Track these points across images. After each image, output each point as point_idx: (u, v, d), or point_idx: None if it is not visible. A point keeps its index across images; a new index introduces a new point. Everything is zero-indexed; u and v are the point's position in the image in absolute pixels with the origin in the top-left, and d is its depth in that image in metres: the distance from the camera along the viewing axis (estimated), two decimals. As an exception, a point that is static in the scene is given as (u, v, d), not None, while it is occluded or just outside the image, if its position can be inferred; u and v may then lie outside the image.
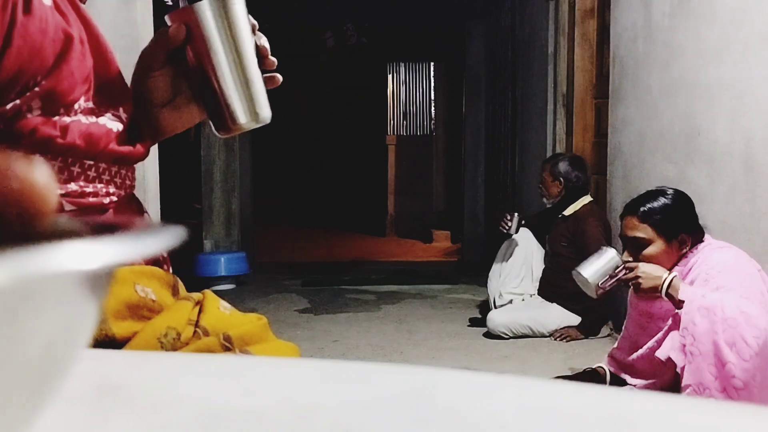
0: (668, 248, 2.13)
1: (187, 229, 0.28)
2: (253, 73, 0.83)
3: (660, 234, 2.13)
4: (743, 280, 1.96)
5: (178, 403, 0.39)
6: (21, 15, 0.72)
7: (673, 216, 2.15)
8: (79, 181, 0.78)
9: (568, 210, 3.97)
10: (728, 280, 1.97)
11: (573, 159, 4.13)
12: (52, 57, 0.75)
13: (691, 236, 2.15)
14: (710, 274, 2.02)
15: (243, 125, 0.83)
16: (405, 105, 10.39)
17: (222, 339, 0.78)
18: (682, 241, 2.13)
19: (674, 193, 2.21)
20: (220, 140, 6.08)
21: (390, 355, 3.59)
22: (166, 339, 0.75)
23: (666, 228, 2.13)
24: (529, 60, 5.55)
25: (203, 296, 0.83)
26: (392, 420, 0.36)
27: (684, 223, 2.15)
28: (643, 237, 2.14)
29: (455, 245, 8.15)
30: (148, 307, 0.77)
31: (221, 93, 0.82)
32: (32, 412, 0.27)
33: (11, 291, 0.23)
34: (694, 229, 2.17)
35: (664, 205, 2.16)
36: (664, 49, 3.32)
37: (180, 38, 0.80)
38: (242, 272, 5.68)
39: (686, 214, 2.17)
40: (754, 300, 1.92)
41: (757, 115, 2.59)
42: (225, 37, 0.80)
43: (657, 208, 2.15)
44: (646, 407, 0.39)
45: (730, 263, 2.01)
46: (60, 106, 0.76)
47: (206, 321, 0.79)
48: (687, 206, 2.20)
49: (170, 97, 0.85)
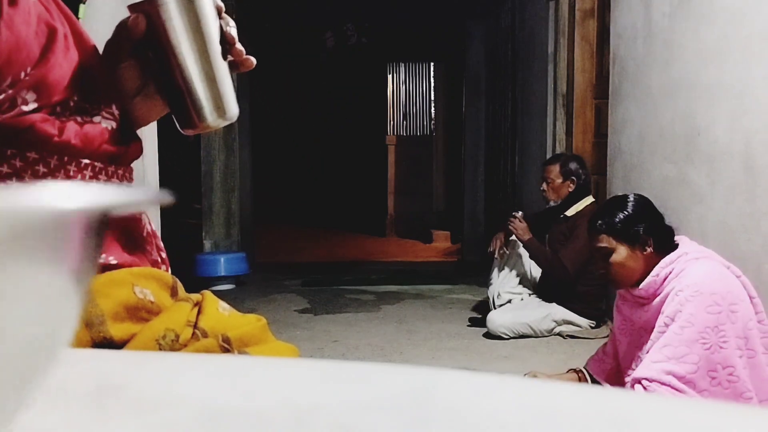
0: (632, 253, 2.17)
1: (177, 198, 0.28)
2: (220, 68, 0.77)
3: (620, 240, 2.18)
4: (704, 320, 1.98)
5: (178, 403, 0.39)
6: (7, 6, 0.72)
7: (628, 221, 2.18)
8: (76, 180, 0.78)
9: (570, 210, 3.96)
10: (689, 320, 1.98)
11: (578, 158, 4.14)
12: (38, 49, 0.74)
13: (652, 237, 2.16)
14: (676, 300, 2.03)
15: (209, 124, 0.79)
16: (405, 105, 10.40)
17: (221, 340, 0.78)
18: (644, 243, 2.15)
19: (631, 199, 2.26)
20: (220, 140, 6.08)
21: (390, 355, 3.59)
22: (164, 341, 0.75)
23: (623, 233, 2.17)
24: (529, 60, 5.55)
25: (202, 297, 0.83)
26: (392, 420, 0.36)
27: (640, 224, 2.17)
28: (605, 246, 2.20)
29: (455, 245, 8.16)
30: (146, 308, 0.76)
31: (186, 90, 0.77)
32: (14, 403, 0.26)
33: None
34: (657, 229, 2.19)
35: (619, 212, 2.21)
36: (664, 49, 3.32)
37: (139, 30, 0.76)
38: (242, 272, 5.68)
39: (643, 216, 2.20)
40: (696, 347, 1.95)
41: (757, 115, 2.59)
42: (189, 29, 0.75)
43: (613, 216, 2.20)
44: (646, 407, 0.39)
45: (701, 290, 2.01)
46: (54, 99, 0.76)
47: (205, 322, 0.79)
48: (643, 208, 2.23)
49: (141, 87, 0.81)
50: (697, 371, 1.96)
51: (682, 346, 1.97)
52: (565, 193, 3.98)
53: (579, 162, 4.06)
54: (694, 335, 1.97)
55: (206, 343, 0.77)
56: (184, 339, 0.77)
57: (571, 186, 3.97)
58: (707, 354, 1.96)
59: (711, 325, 1.97)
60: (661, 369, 1.97)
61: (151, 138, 2.75)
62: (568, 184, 3.97)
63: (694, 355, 1.96)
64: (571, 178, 3.97)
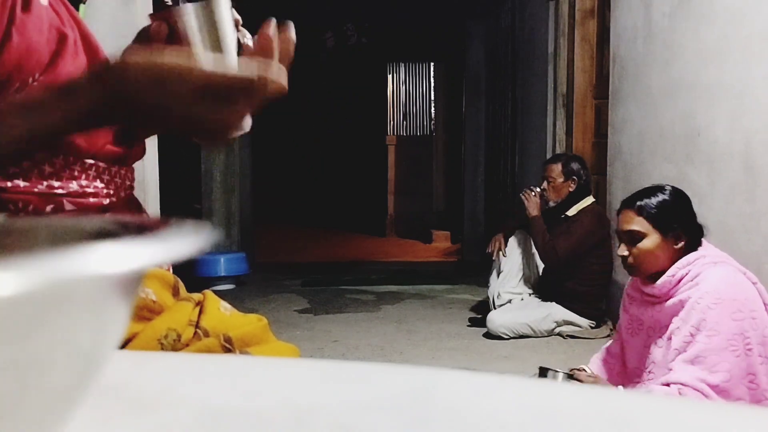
0: (663, 243, 2.13)
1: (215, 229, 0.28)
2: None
3: (655, 227, 2.13)
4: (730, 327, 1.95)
5: (178, 403, 0.39)
6: (20, 12, 0.72)
7: (669, 210, 2.15)
8: (80, 180, 0.78)
9: (571, 210, 3.96)
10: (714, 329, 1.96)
11: (579, 158, 4.14)
12: (48, 54, 0.75)
13: (686, 233, 2.14)
14: (698, 309, 2.00)
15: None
16: (405, 105, 10.40)
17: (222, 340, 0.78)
18: (678, 237, 2.13)
19: (672, 189, 2.22)
20: (220, 140, 6.07)
21: (390, 355, 3.59)
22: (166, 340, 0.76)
23: (661, 221, 2.13)
24: (529, 60, 5.55)
25: (204, 297, 0.83)
26: (392, 420, 0.36)
27: (680, 219, 2.15)
28: (639, 230, 2.15)
29: (455, 245, 8.15)
30: (148, 307, 0.77)
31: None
32: (64, 415, 0.27)
33: (42, 295, 0.23)
34: (691, 226, 2.17)
35: (661, 199, 2.16)
36: (664, 49, 3.32)
37: (161, 37, 0.78)
38: (242, 272, 5.68)
39: (682, 210, 2.17)
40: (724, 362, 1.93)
41: (757, 115, 2.59)
42: (207, 39, 0.77)
43: (653, 202, 2.16)
44: (646, 407, 0.39)
45: (722, 297, 1.97)
46: None
47: (206, 322, 0.79)
48: (684, 202, 2.20)
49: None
50: (731, 379, 1.92)
51: (713, 355, 1.94)
52: (566, 193, 3.98)
53: (580, 162, 4.06)
54: (723, 343, 1.94)
55: (208, 343, 0.77)
56: (186, 338, 0.77)
57: (572, 186, 3.97)
58: (737, 361, 1.93)
59: (737, 331, 1.94)
60: (696, 377, 1.93)
61: (151, 138, 2.75)
62: (569, 183, 3.97)
63: (726, 363, 1.93)
64: (573, 177, 3.97)
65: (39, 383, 0.24)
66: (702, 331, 1.97)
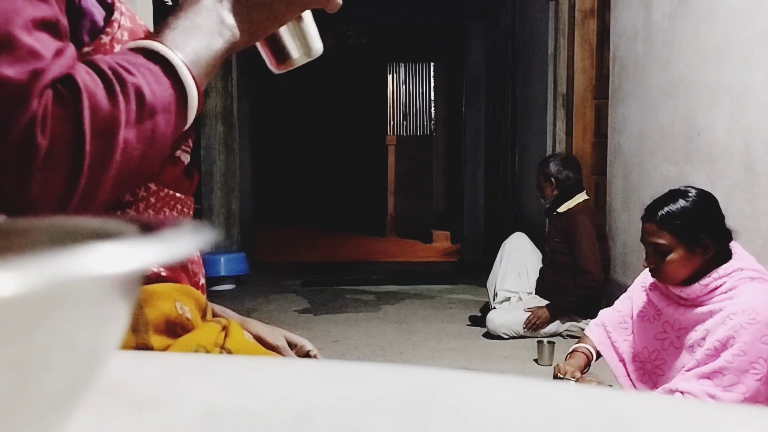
0: (690, 255, 2.01)
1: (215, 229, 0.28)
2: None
3: (680, 241, 2.01)
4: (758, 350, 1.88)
5: (178, 403, 0.39)
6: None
7: (693, 221, 2.02)
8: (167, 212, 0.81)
9: (561, 207, 4.00)
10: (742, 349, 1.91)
11: (563, 159, 4.16)
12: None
13: (714, 240, 2.02)
14: (729, 324, 1.91)
15: (295, 61, 0.85)
16: (405, 105, 10.40)
17: None
18: (706, 247, 2.01)
19: (696, 195, 2.07)
20: (221, 140, 6.08)
21: (390, 356, 3.59)
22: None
23: (686, 234, 2.01)
24: (529, 60, 5.55)
25: (228, 323, 0.86)
26: (392, 420, 0.36)
27: (706, 227, 2.02)
28: (664, 244, 2.03)
29: (455, 245, 8.16)
30: (182, 324, 0.79)
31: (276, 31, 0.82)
32: (64, 415, 0.27)
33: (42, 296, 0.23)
34: (719, 232, 2.04)
35: (684, 208, 2.03)
36: (664, 49, 3.32)
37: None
38: (242, 272, 5.68)
39: (708, 218, 2.04)
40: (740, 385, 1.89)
41: (757, 115, 2.59)
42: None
43: (676, 213, 2.03)
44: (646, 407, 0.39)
45: (758, 319, 1.88)
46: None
47: (231, 344, 0.83)
48: (709, 208, 2.06)
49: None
50: (743, 402, 1.87)
51: (732, 374, 1.88)
52: (549, 194, 4.04)
53: (564, 163, 4.07)
54: (746, 365, 1.87)
55: None
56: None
57: (551, 187, 4.02)
58: (756, 385, 1.87)
59: (765, 356, 1.87)
60: (704, 390, 1.88)
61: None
62: (548, 185, 4.03)
63: (743, 386, 1.88)
64: (550, 180, 4.02)
65: (39, 383, 0.25)
66: (729, 348, 1.89)
